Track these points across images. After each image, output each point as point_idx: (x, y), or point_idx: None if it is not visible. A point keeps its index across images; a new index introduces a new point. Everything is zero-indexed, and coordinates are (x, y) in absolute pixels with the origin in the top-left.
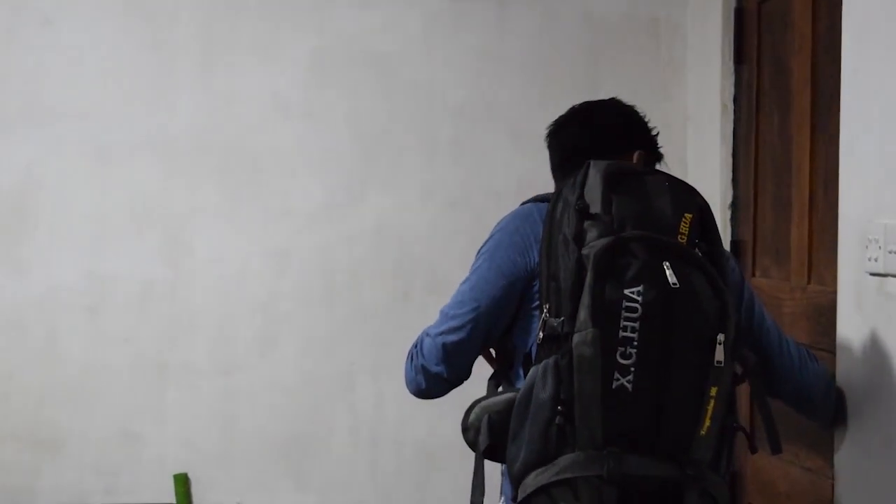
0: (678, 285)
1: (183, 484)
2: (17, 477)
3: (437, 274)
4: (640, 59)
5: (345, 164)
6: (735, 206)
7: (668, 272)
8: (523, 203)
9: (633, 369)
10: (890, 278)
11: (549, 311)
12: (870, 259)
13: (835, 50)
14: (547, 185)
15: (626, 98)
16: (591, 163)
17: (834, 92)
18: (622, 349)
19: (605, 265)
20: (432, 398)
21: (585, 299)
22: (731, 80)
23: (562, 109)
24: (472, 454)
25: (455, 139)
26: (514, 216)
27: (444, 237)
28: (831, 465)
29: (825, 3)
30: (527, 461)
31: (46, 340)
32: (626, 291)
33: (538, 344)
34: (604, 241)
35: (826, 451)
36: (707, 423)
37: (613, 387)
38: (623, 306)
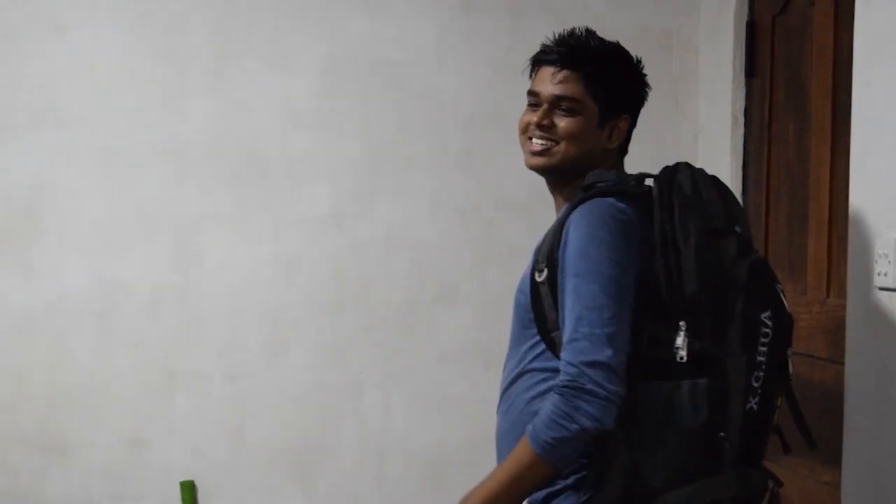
0: (789, 308)
1: (189, 491)
2: (24, 481)
3: (447, 283)
4: (652, 72)
5: (355, 172)
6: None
7: (781, 295)
8: (591, 194)
9: (759, 391)
10: None
11: (686, 328)
12: (879, 273)
13: None
14: None
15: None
16: (693, 168)
17: None
18: (756, 373)
19: (754, 288)
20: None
21: (737, 322)
22: (743, 92)
23: None
24: (478, 463)
25: (466, 149)
26: (610, 211)
27: (453, 246)
28: None
29: (846, 15)
30: (670, 478)
31: (55, 346)
32: (762, 316)
33: (676, 361)
34: (747, 261)
35: (840, 463)
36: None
37: (746, 408)
38: (761, 331)
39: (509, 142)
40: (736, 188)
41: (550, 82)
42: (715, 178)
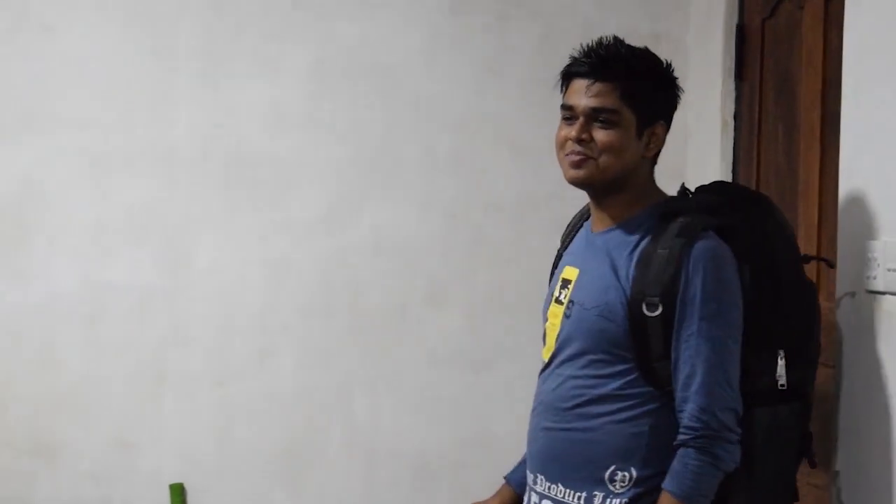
0: None
1: (179, 494)
2: (13, 485)
3: (436, 286)
4: None
5: (344, 175)
6: None
7: None
8: (692, 229)
9: None
10: (889, 296)
11: (784, 356)
12: (869, 277)
13: None
14: (547, 199)
15: None
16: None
17: None
18: None
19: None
20: None
21: (814, 349)
22: (732, 96)
23: None
24: (467, 466)
25: (454, 152)
26: (729, 254)
27: (442, 250)
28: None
29: (836, 18)
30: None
31: (44, 349)
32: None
33: (777, 388)
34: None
35: (831, 465)
36: None
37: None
38: None
39: (497, 145)
40: None
41: (585, 95)
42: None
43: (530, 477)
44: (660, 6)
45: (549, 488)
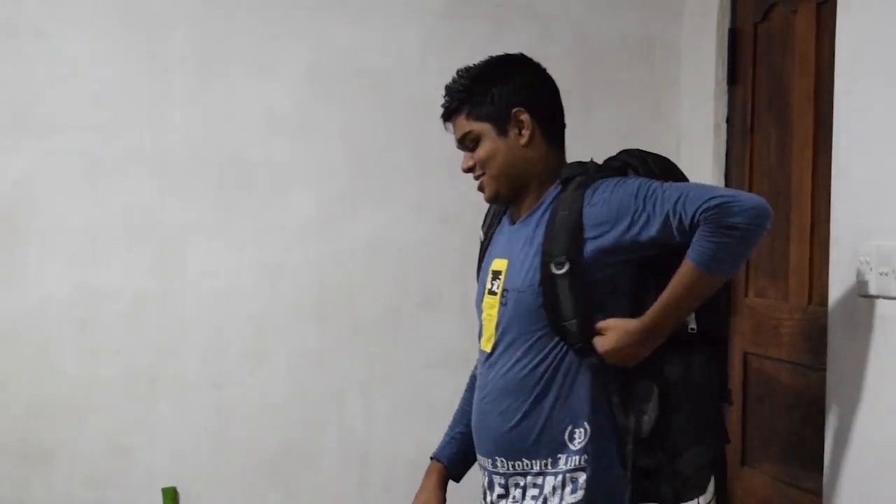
0: None
1: (172, 498)
2: (6, 489)
3: (430, 289)
4: (634, 79)
5: (339, 178)
6: None
7: None
8: (586, 183)
9: None
10: (881, 300)
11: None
12: (861, 281)
13: None
14: None
15: (620, 119)
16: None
17: None
18: None
19: None
20: None
21: (724, 295)
22: (725, 100)
23: None
24: None
25: (449, 155)
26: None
27: (437, 252)
28: None
29: (828, 23)
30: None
31: (37, 352)
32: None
33: (688, 332)
34: None
35: (822, 469)
36: None
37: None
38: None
39: None
40: None
41: (453, 133)
42: None
43: (487, 462)
44: (653, 10)
45: (512, 465)
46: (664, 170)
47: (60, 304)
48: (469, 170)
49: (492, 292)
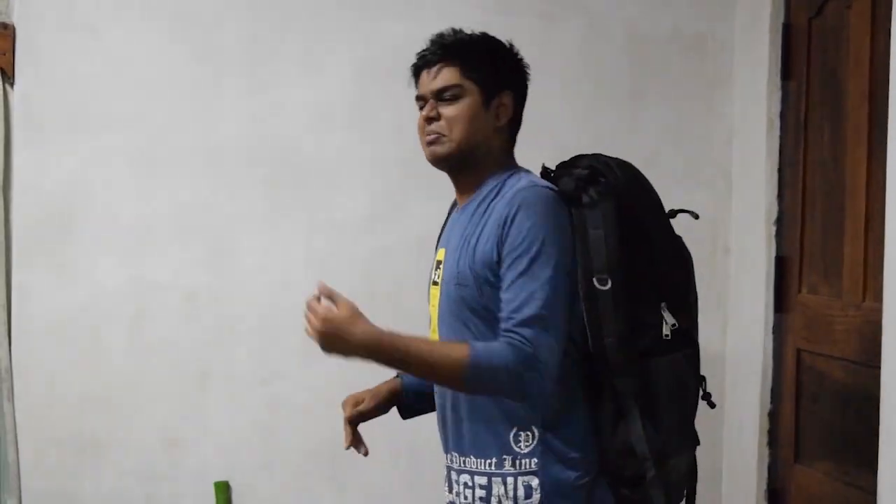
0: None
1: (224, 492)
2: (59, 482)
3: None
4: (686, 75)
5: (389, 174)
6: (780, 221)
7: None
8: (523, 187)
9: None
10: None
11: (667, 306)
12: None
13: None
14: None
15: (672, 114)
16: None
17: None
18: None
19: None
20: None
21: (693, 296)
22: (778, 95)
23: (607, 123)
24: None
25: None
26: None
27: None
28: None
29: (883, 18)
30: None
31: (90, 347)
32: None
33: (664, 339)
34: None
35: (876, 467)
36: None
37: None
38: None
39: (542, 145)
40: (771, 191)
41: (430, 80)
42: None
43: (447, 457)
44: (706, 5)
45: (463, 462)
46: (630, 179)
47: (113, 299)
48: (428, 120)
49: (435, 283)
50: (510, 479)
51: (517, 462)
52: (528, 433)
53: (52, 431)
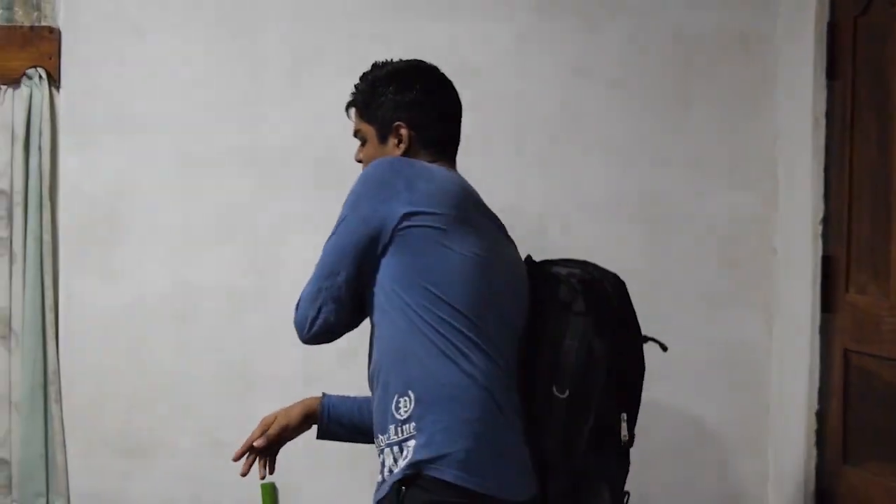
0: None
1: (270, 493)
2: (108, 483)
3: None
4: (731, 74)
5: None
6: (826, 221)
7: None
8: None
9: None
10: None
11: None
12: None
13: None
14: (637, 197)
15: (717, 114)
16: None
17: None
18: None
19: None
20: None
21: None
22: (824, 94)
23: (652, 124)
24: None
25: (543, 152)
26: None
27: (530, 249)
28: None
29: None
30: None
31: (135, 348)
32: None
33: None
34: None
35: None
36: None
37: None
38: None
39: (588, 145)
40: (817, 191)
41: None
42: None
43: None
44: (749, 4)
45: (379, 441)
46: (622, 297)
47: (158, 301)
48: (359, 161)
49: None
50: (395, 448)
51: (399, 428)
52: (406, 398)
53: (100, 433)
